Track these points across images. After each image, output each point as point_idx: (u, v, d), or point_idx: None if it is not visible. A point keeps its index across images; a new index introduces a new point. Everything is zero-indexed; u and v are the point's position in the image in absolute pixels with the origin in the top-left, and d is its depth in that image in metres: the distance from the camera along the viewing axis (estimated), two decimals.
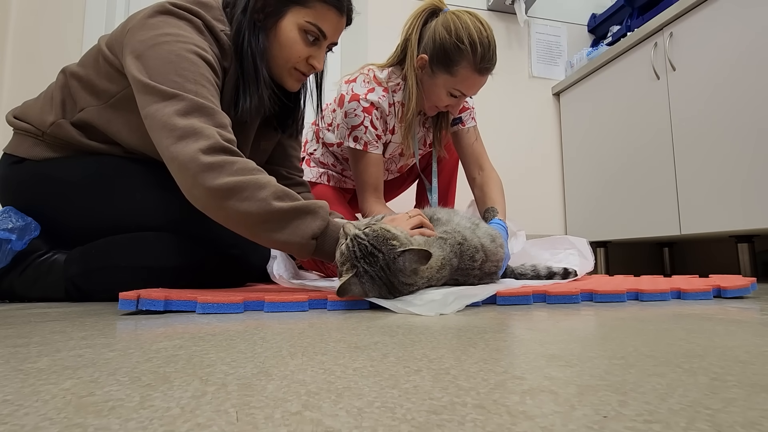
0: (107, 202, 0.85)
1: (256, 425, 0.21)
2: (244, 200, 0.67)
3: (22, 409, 0.23)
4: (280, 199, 0.69)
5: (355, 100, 1.13)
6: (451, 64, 1.07)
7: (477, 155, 1.29)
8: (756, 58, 1.30)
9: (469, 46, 1.04)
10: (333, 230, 0.73)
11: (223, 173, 0.67)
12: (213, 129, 0.70)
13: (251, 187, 0.68)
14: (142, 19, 0.77)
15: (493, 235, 0.85)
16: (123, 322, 0.55)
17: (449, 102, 1.14)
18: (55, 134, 0.85)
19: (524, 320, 0.55)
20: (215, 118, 0.72)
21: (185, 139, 0.68)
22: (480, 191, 1.26)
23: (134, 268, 0.82)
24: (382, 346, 0.39)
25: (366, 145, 1.15)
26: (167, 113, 0.69)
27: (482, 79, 1.11)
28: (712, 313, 0.59)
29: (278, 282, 0.90)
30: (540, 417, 0.22)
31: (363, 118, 1.13)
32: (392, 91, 1.18)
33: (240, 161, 0.70)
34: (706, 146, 1.46)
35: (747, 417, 0.22)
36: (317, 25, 0.85)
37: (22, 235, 0.82)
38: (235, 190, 0.67)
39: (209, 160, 0.67)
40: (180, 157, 0.67)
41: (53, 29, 1.76)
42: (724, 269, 1.85)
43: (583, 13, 2.33)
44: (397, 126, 1.20)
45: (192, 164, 0.67)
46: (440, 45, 1.07)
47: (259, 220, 0.69)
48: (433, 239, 0.75)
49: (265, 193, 0.68)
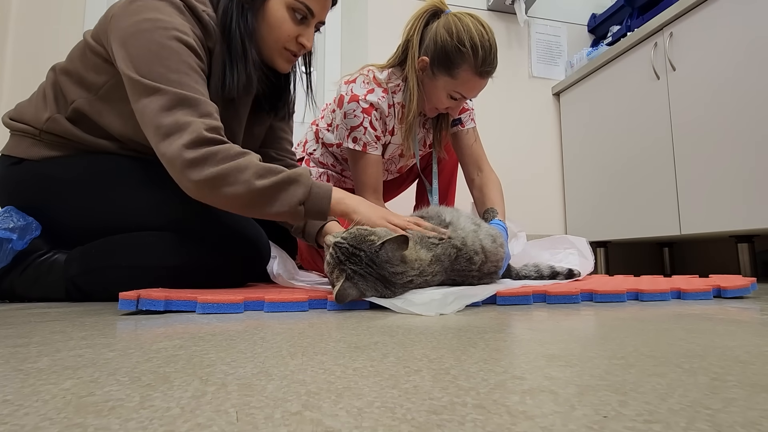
0: (107, 201, 0.85)
1: (256, 425, 0.21)
2: (230, 185, 0.72)
3: (22, 409, 0.23)
4: (262, 176, 0.73)
5: (354, 101, 1.13)
6: (452, 67, 1.07)
7: (476, 157, 1.29)
8: (756, 57, 1.30)
9: (471, 49, 1.04)
10: (318, 192, 0.78)
11: (207, 165, 0.71)
12: (197, 121, 0.72)
13: (234, 173, 0.72)
14: (124, 5, 0.77)
15: (494, 235, 0.86)
16: (123, 322, 0.55)
17: (449, 104, 1.15)
18: (52, 130, 0.85)
19: (524, 320, 0.55)
20: (199, 108, 0.74)
21: (170, 136, 0.71)
22: (479, 192, 1.26)
23: (135, 267, 0.82)
24: (382, 346, 0.39)
25: (365, 146, 1.15)
26: (153, 110, 0.72)
27: (483, 82, 1.11)
28: (712, 313, 0.59)
29: (278, 282, 0.90)
30: (540, 417, 0.22)
31: (362, 119, 1.13)
32: (392, 92, 1.17)
33: (222, 150, 0.72)
34: (706, 146, 1.46)
35: (747, 417, 0.22)
36: (304, 2, 0.86)
37: (23, 235, 0.82)
38: (220, 178, 0.71)
39: (192, 155, 0.70)
40: (167, 155, 0.72)
41: (53, 29, 1.76)
42: (724, 269, 1.85)
43: (583, 13, 2.33)
44: (396, 127, 1.20)
45: (177, 161, 0.71)
46: (441, 47, 1.07)
47: (247, 200, 0.73)
48: (424, 238, 0.76)
49: (246, 175, 0.72)
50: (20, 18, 1.74)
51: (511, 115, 2.18)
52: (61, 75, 0.86)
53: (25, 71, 1.71)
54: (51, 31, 1.76)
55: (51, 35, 1.76)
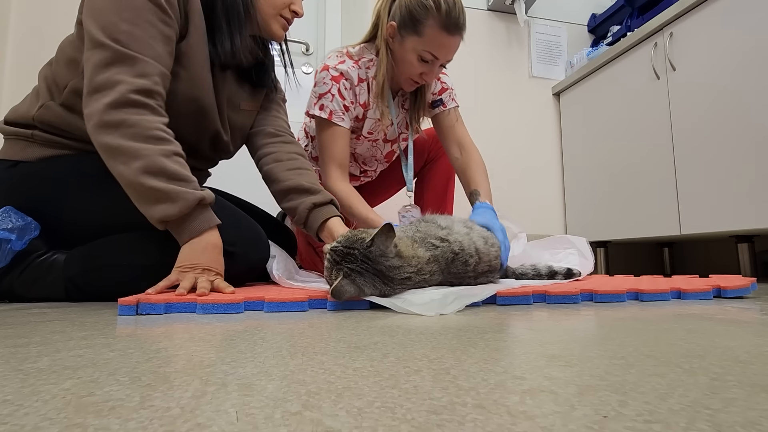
0: (107, 200, 0.85)
1: (256, 425, 0.21)
2: (121, 164, 0.72)
3: (22, 409, 0.23)
4: (152, 175, 0.72)
5: (325, 70, 1.15)
6: (418, 25, 1.08)
7: (458, 135, 1.28)
8: (756, 57, 1.30)
9: (433, 3, 1.05)
10: (195, 223, 0.75)
11: (115, 133, 0.72)
12: (128, 80, 0.74)
13: (129, 154, 0.72)
14: None
15: (485, 237, 0.87)
16: (123, 322, 0.55)
17: (422, 68, 1.14)
18: (44, 120, 0.85)
19: (524, 320, 0.55)
20: (137, 66, 0.75)
21: (98, 92, 0.73)
22: (462, 174, 1.25)
23: (134, 266, 0.82)
24: (382, 346, 0.39)
25: (331, 113, 1.14)
26: (92, 63, 0.74)
27: (451, 39, 1.10)
28: (712, 313, 0.59)
29: (278, 282, 0.90)
30: (540, 417, 0.22)
31: (330, 87, 1.14)
32: (365, 67, 1.19)
33: (141, 124, 0.73)
34: (706, 146, 1.46)
35: (747, 417, 0.22)
36: None
37: (21, 235, 0.82)
38: (117, 152, 0.72)
39: (108, 117, 0.72)
40: (87, 109, 0.74)
41: (53, 29, 1.76)
42: (724, 269, 1.85)
43: (583, 13, 2.33)
44: (371, 101, 1.20)
45: (94, 118, 0.73)
46: (406, 8, 1.09)
47: (126, 185, 0.74)
48: (426, 239, 0.77)
49: (137, 164, 0.72)
50: (20, 18, 1.74)
51: (511, 115, 2.18)
52: (53, 65, 0.88)
53: (25, 71, 1.71)
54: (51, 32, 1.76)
55: (51, 35, 1.75)
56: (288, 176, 0.99)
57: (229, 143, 1.02)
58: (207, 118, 0.93)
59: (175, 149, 0.77)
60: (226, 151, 1.05)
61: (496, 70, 2.17)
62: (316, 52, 2.15)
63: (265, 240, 0.93)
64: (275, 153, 1.03)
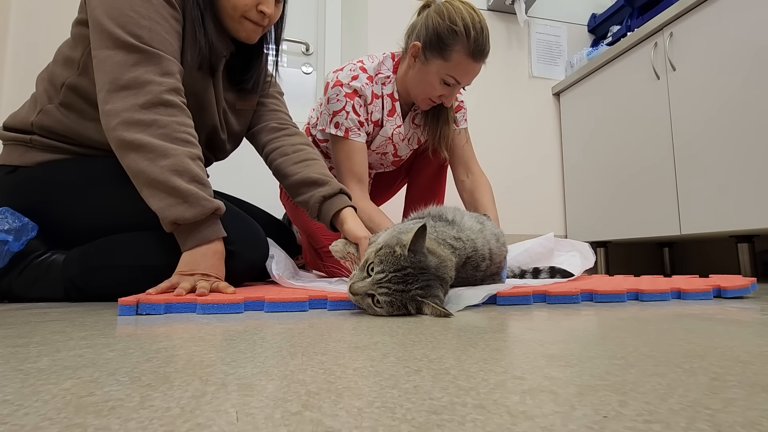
0: (106, 201, 0.85)
1: (256, 425, 0.21)
2: (148, 160, 0.72)
3: (22, 409, 0.23)
4: (177, 174, 0.72)
5: (338, 86, 1.13)
6: (445, 48, 1.07)
7: (467, 158, 1.28)
8: (756, 57, 1.30)
9: (464, 29, 1.04)
10: (206, 231, 0.75)
11: (146, 131, 0.72)
12: (158, 79, 0.73)
13: (157, 152, 0.72)
14: None
15: (497, 234, 0.84)
16: (123, 322, 0.55)
17: (443, 91, 1.13)
18: (43, 125, 0.85)
19: (524, 320, 0.55)
20: (162, 65, 0.75)
21: (125, 90, 0.72)
22: (470, 196, 1.25)
23: (134, 267, 0.82)
24: (382, 346, 0.39)
25: (347, 131, 1.14)
26: (115, 62, 0.73)
27: (476, 65, 1.10)
28: (712, 313, 0.59)
29: (278, 282, 0.90)
30: (540, 417, 0.22)
31: (345, 104, 1.13)
32: (381, 83, 1.18)
33: (172, 125, 0.73)
34: (706, 146, 1.46)
35: (747, 417, 0.22)
36: None
37: (19, 236, 0.82)
38: (144, 148, 0.72)
39: (140, 116, 0.72)
40: (115, 107, 0.72)
41: (53, 29, 1.76)
42: (724, 269, 1.85)
43: (583, 13, 2.33)
44: (385, 120, 1.19)
45: (123, 115, 0.72)
46: (433, 30, 1.07)
47: (148, 182, 0.73)
48: (446, 240, 0.71)
49: (166, 162, 0.72)
50: (20, 18, 1.74)
51: (511, 115, 2.17)
52: (50, 67, 0.88)
53: (25, 72, 1.71)
54: (51, 32, 1.76)
55: (51, 36, 1.75)
56: (296, 170, 0.99)
57: (225, 142, 1.02)
58: (206, 113, 0.93)
59: (200, 153, 0.77)
60: (221, 150, 1.05)
61: (496, 70, 2.17)
62: (316, 52, 2.15)
63: (263, 238, 0.93)
64: (281, 147, 1.03)
